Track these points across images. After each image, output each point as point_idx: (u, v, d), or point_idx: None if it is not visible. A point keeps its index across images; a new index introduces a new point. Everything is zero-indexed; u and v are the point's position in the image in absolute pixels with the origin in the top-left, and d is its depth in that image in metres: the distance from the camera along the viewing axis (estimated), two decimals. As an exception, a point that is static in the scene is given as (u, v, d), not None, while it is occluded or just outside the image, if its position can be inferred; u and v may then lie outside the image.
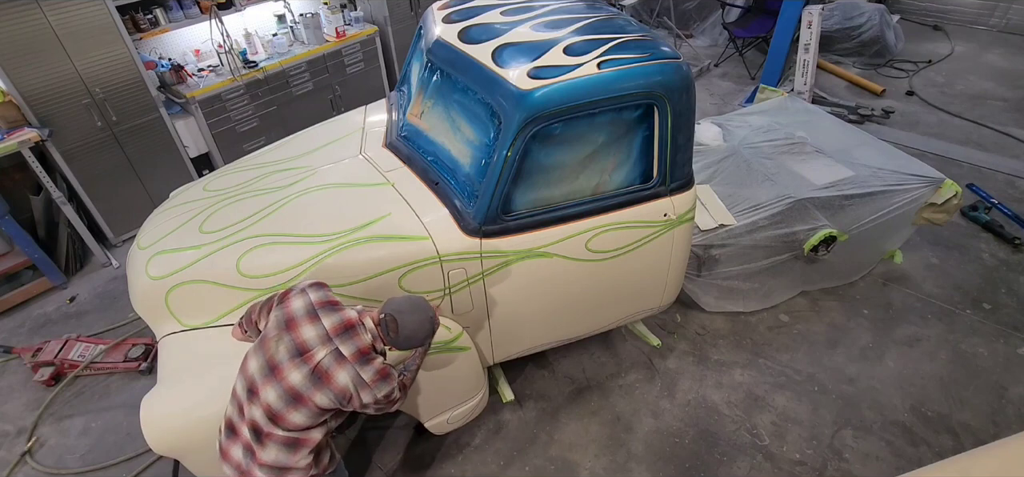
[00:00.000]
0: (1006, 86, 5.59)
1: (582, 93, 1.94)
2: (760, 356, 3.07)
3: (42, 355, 3.14)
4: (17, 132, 3.38)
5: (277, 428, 1.54)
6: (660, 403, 2.86)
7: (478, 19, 2.37)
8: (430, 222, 2.11)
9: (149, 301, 2.18)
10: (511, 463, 2.64)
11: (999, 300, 3.29)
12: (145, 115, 3.93)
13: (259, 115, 4.48)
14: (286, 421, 1.53)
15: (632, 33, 2.18)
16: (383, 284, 2.09)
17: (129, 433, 2.84)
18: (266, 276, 2.08)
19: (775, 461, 2.58)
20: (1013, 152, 4.61)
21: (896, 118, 5.16)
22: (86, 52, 3.53)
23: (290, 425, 1.54)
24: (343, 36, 4.82)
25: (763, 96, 4.86)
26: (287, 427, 1.54)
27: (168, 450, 1.92)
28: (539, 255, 2.19)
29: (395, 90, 2.93)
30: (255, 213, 2.28)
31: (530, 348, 2.63)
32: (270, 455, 1.55)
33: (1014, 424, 2.66)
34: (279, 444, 1.55)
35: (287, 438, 1.55)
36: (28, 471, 2.73)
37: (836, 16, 6.11)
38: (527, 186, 2.08)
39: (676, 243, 2.41)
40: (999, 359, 2.97)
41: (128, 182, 4.02)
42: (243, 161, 2.83)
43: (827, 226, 2.92)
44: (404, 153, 2.41)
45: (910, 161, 3.29)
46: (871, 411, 2.76)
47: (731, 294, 3.18)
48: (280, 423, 1.53)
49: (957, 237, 3.74)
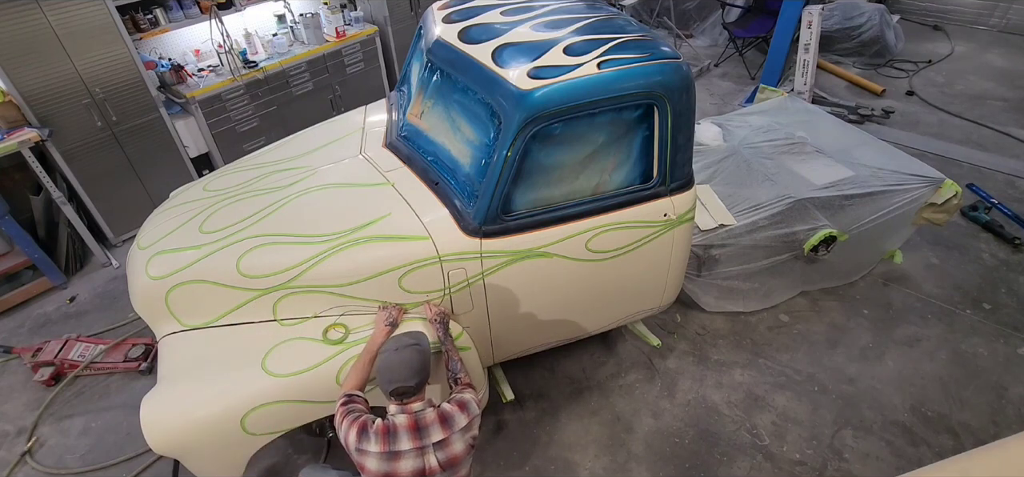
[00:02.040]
0: (1006, 86, 5.59)
1: (582, 93, 1.94)
2: (760, 356, 3.07)
3: (42, 355, 3.14)
4: (17, 132, 3.38)
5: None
6: (660, 403, 2.86)
7: (478, 19, 2.37)
8: (430, 222, 2.11)
9: (149, 301, 2.18)
10: (511, 463, 2.64)
11: (999, 300, 3.29)
12: (145, 115, 3.93)
13: (259, 115, 4.48)
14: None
15: (632, 33, 2.18)
16: (383, 284, 2.09)
17: (129, 433, 2.84)
18: (266, 276, 2.08)
19: (775, 461, 2.58)
20: (1013, 152, 4.61)
21: (896, 118, 5.16)
22: (86, 52, 3.53)
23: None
24: (343, 36, 4.82)
25: (763, 96, 4.86)
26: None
27: (168, 450, 1.92)
28: (539, 255, 2.19)
29: (395, 90, 2.93)
30: (255, 213, 2.28)
31: (530, 348, 2.63)
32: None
33: (1014, 424, 2.66)
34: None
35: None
36: (28, 471, 2.73)
37: (836, 16, 6.11)
38: (527, 186, 2.08)
39: (676, 243, 2.41)
40: (999, 359, 2.97)
41: (128, 182, 4.02)
42: (243, 161, 2.83)
43: (827, 226, 2.92)
44: (404, 153, 2.41)
45: (910, 161, 3.29)
46: (871, 411, 2.76)
47: (731, 294, 3.18)
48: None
49: (957, 237, 3.74)
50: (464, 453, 1.67)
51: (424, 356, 1.74)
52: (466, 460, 1.69)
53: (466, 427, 1.68)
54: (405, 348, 1.72)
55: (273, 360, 1.99)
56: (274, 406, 1.94)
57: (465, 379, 1.91)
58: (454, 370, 1.95)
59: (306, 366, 1.97)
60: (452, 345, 2.03)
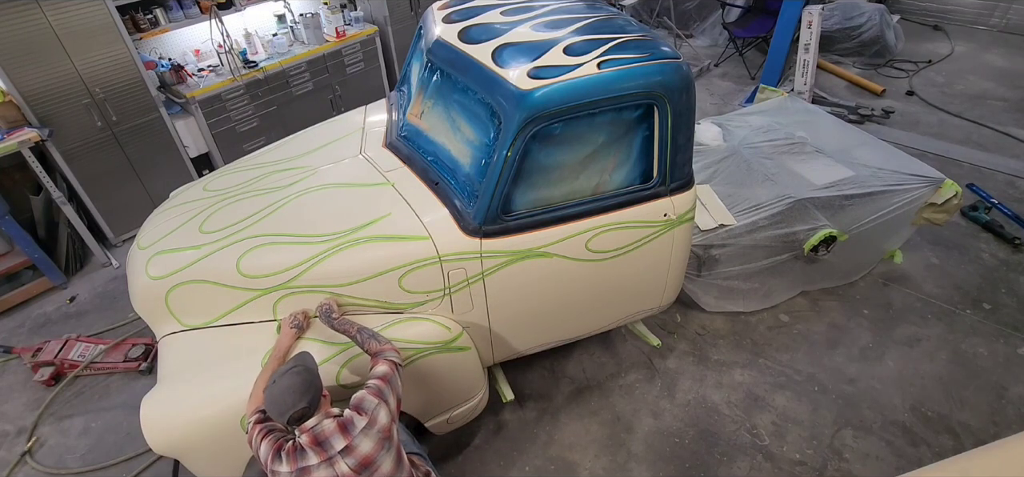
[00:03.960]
0: (1006, 86, 5.59)
1: (582, 93, 1.93)
2: (760, 356, 3.07)
3: (42, 355, 3.14)
4: (17, 132, 3.38)
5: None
6: (660, 403, 2.86)
7: (478, 19, 2.37)
8: (430, 222, 2.11)
9: (149, 301, 2.18)
10: (511, 463, 2.64)
11: (999, 300, 3.29)
12: (145, 115, 3.93)
13: (259, 115, 4.49)
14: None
15: (632, 33, 2.18)
16: (383, 284, 2.09)
17: (129, 433, 2.84)
18: (266, 276, 2.08)
19: (775, 461, 2.58)
20: (1013, 152, 4.61)
21: (896, 118, 5.16)
22: (86, 52, 3.53)
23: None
24: (343, 36, 4.82)
25: (763, 96, 4.86)
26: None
27: (168, 450, 1.92)
28: (539, 255, 2.19)
29: (395, 90, 2.93)
30: (255, 213, 2.28)
31: (530, 348, 2.63)
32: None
33: (1014, 424, 2.66)
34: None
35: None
36: (28, 471, 2.74)
37: (836, 16, 6.11)
38: (527, 186, 2.08)
39: (676, 243, 2.41)
40: (999, 359, 2.97)
41: (128, 182, 4.02)
42: (243, 161, 2.83)
43: (827, 226, 2.92)
44: (404, 153, 2.41)
45: (910, 161, 3.29)
46: (871, 411, 2.76)
47: (731, 294, 3.17)
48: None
49: (957, 237, 3.74)
50: (376, 450, 1.63)
51: (308, 375, 1.65)
52: (382, 454, 1.65)
53: (368, 425, 1.63)
54: (285, 375, 1.63)
55: (273, 360, 1.98)
56: (274, 406, 1.93)
57: (375, 346, 1.86)
58: (364, 345, 1.90)
59: (306, 366, 1.97)
60: (347, 322, 1.98)
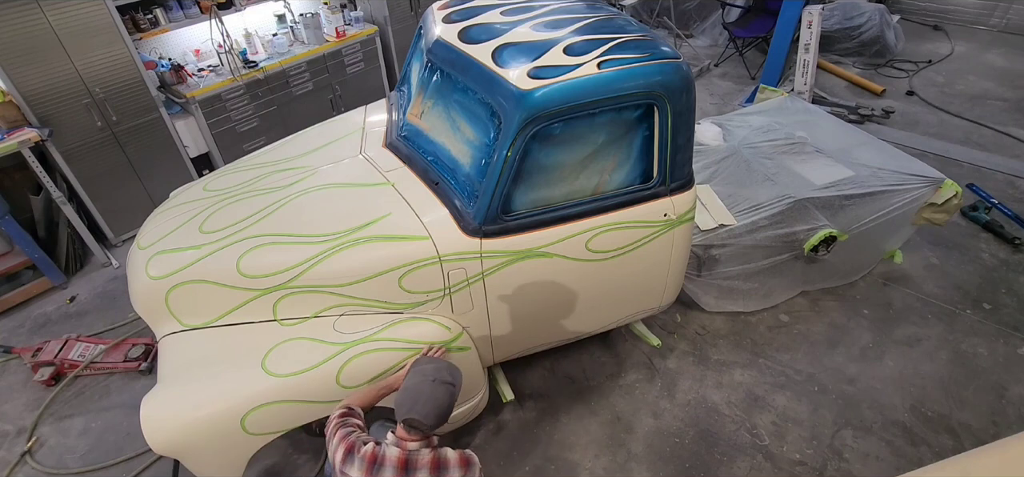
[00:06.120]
0: (1006, 86, 5.59)
1: (582, 93, 1.94)
2: (760, 356, 3.07)
3: (42, 355, 3.14)
4: (17, 132, 3.38)
5: None
6: (660, 403, 2.86)
7: (478, 19, 2.37)
8: (430, 222, 2.11)
9: (149, 301, 2.18)
10: (511, 463, 2.64)
11: (999, 300, 3.29)
12: (145, 115, 3.93)
13: (259, 115, 4.48)
14: None
15: (632, 33, 2.18)
16: (383, 284, 2.09)
17: (129, 433, 2.84)
18: (266, 276, 2.08)
19: (775, 461, 2.58)
20: (1013, 152, 4.61)
21: (896, 118, 5.16)
22: (86, 52, 3.53)
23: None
24: (343, 36, 4.82)
25: (763, 96, 4.86)
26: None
27: (168, 450, 1.92)
28: (539, 255, 2.19)
29: (395, 90, 2.93)
30: (255, 213, 2.28)
31: (530, 348, 2.63)
32: None
33: (1014, 424, 2.66)
34: None
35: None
36: (28, 471, 2.73)
37: (836, 16, 6.11)
38: (527, 186, 2.08)
39: (676, 243, 2.41)
40: (999, 359, 2.97)
41: (128, 182, 4.02)
42: (243, 161, 2.83)
43: (827, 226, 2.92)
44: (404, 153, 2.41)
45: (910, 161, 3.29)
46: (871, 411, 2.76)
47: (731, 294, 3.17)
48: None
49: (957, 237, 3.74)
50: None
51: (453, 400, 1.60)
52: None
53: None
54: (441, 384, 1.57)
55: (273, 360, 1.99)
56: (274, 406, 1.94)
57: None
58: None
59: (306, 366, 1.97)
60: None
